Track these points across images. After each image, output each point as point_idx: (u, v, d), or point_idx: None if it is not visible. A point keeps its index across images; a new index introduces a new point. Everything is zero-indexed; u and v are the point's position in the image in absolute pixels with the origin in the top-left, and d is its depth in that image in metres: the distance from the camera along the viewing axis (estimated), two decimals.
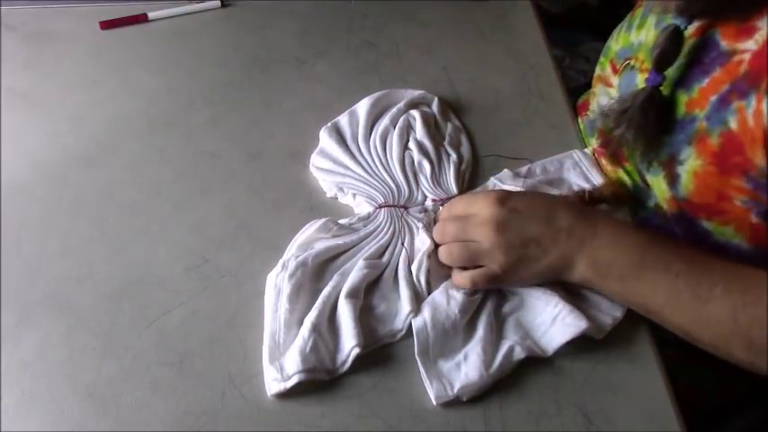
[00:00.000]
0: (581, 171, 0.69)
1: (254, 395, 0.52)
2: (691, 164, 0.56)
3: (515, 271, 0.55)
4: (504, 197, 0.56)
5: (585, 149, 0.71)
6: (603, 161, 0.69)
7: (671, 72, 0.58)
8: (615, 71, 0.69)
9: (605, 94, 0.70)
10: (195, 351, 0.54)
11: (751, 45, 0.51)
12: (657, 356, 0.55)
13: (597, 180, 0.68)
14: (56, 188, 0.66)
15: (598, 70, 0.75)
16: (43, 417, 0.50)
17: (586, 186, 0.67)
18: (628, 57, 0.67)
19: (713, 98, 0.54)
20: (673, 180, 0.58)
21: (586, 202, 0.62)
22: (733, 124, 0.52)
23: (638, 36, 0.65)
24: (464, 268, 0.57)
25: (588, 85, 0.80)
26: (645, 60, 0.63)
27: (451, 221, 0.58)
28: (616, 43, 0.70)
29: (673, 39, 0.56)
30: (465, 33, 0.88)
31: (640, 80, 0.62)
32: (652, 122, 0.58)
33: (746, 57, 0.52)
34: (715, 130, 0.53)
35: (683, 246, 0.54)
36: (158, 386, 0.52)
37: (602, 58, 0.74)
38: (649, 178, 0.62)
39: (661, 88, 0.58)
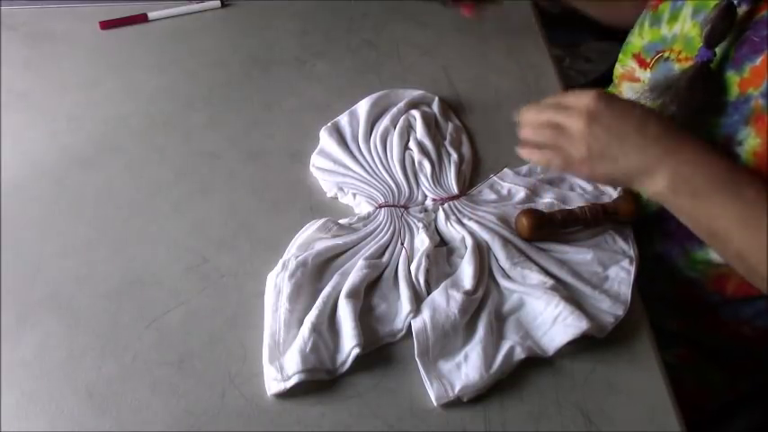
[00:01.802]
0: None
1: (254, 395, 0.52)
2: (750, 143, 0.56)
3: (591, 164, 0.55)
4: (603, 95, 0.55)
5: None
6: None
7: (720, 53, 0.58)
8: (643, 65, 0.70)
9: (632, 90, 0.70)
10: (195, 351, 0.54)
11: None
12: (657, 356, 0.55)
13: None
14: (55, 188, 0.66)
15: (619, 68, 0.75)
16: (43, 417, 0.50)
17: (587, 187, 0.67)
18: (660, 50, 0.67)
19: None
20: None
21: (601, 217, 0.61)
22: None
23: (670, 29, 0.66)
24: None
25: (587, 85, 0.80)
26: (682, 50, 0.63)
27: (546, 106, 0.58)
28: (640, 38, 0.70)
29: (725, 15, 0.57)
30: (465, 33, 0.88)
31: (680, 69, 0.62)
32: (698, 97, 0.58)
33: None
34: None
35: (762, 180, 0.54)
36: (158, 386, 0.52)
37: (621, 56, 0.74)
38: None
39: (711, 65, 0.58)
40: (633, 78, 0.71)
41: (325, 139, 0.70)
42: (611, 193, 0.66)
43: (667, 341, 0.59)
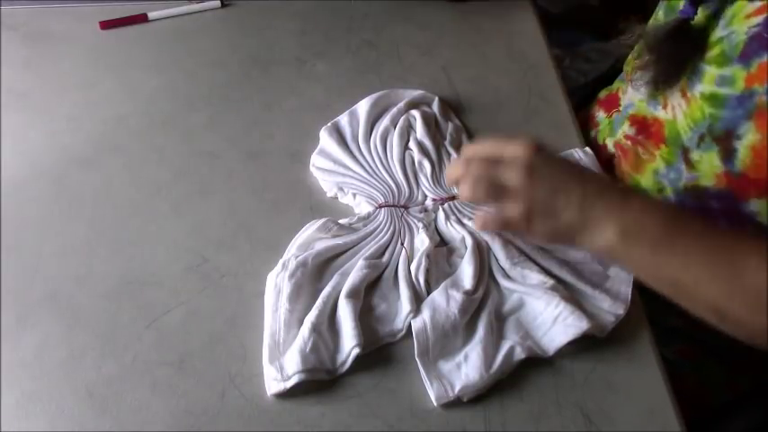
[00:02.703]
0: None
1: (254, 395, 0.52)
2: (749, 138, 0.57)
3: (533, 221, 0.51)
4: (541, 145, 0.52)
5: (586, 149, 0.71)
6: (639, 149, 0.69)
7: (728, 48, 0.59)
8: None
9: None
10: (195, 351, 0.54)
11: None
12: (657, 356, 0.55)
13: None
14: (55, 188, 0.66)
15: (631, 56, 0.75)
16: (43, 417, 0.50)
17: None
18: None
19: None
20: (728, 155, 0.59)
21: None
22: None
23: None
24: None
25: (587, 85, 0.80)
26: None
27: (479, 160, 0.54)
28: (656, 21, 0.71)
29: None
30: (465, 33, 0.88)
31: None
32: (672, 50, 0.60)
33: None
34: None
35: (711, 221, 0.53)
36: (158, 386, 0.52)
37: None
38: (697, 154, 0.62)
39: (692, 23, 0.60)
40: None
41: (326, 139, 0.70)
42: None
43: (668, 337, 0.59)
